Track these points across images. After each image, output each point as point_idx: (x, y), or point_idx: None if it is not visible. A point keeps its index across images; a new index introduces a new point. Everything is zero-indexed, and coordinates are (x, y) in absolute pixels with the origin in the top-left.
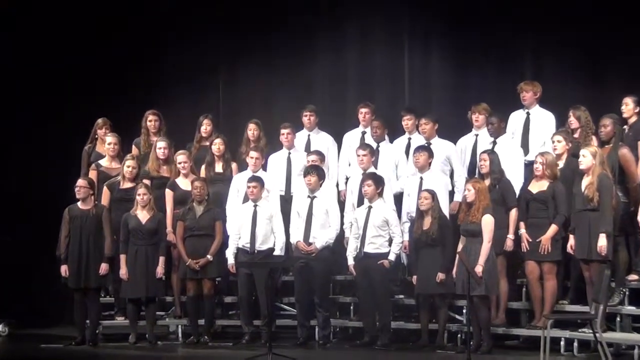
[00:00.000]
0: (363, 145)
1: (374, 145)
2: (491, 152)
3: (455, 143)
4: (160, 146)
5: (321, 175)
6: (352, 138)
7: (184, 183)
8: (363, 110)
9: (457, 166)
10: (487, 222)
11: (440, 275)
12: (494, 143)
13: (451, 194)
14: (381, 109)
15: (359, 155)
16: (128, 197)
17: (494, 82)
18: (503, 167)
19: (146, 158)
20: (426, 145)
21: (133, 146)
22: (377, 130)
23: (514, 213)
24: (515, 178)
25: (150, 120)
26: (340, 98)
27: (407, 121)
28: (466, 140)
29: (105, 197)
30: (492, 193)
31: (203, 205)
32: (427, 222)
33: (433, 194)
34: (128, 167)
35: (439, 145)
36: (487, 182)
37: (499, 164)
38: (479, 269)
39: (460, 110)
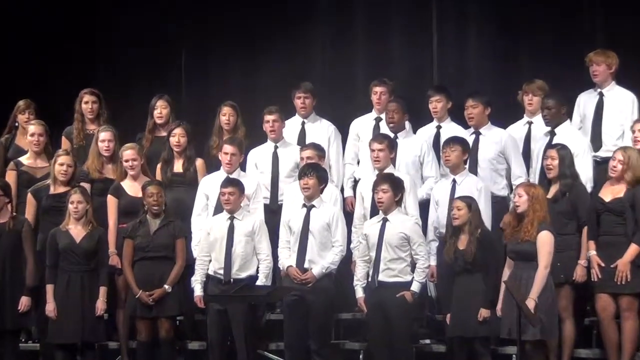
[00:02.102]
0: (378, 136)
1: (392, 136)
2: (562, 148)
3: None
4: (103, 138)
5: (321, 177)
6: (362, 127)
7: (132, 187)
8: (378, 89)
9: (517, 162)
10: (544, 241)
11: (483, 313)
12: (552, 133)
13: (502, 201)
14: (401, 89)
15: (372, 150)
16: (62, 207)
17: (553, 52)
18: None
19: (82, 153)
20: (458, 137)
21: (63, 137)
22: (395, 116)
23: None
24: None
25: (87, 102)
26: (346, 73)
27: (435, 104)
28: (515, 131)
29: (30, 208)
30: (559, 203)
31: (159, 218)
32: (463, 240)
33: (470, 203)
34: (61, 165)
35: (492, 135)
36: (555, 188)
37: (571, 164)
38: (531, 303)
39: (507, 90)
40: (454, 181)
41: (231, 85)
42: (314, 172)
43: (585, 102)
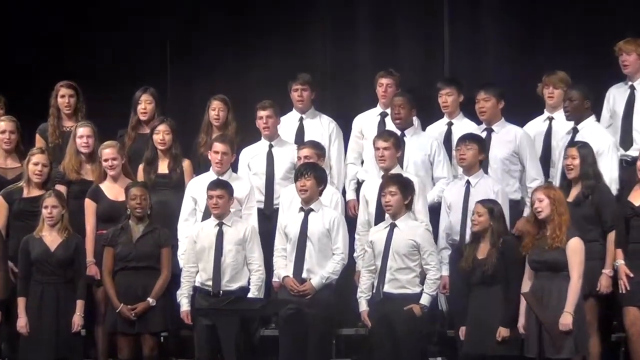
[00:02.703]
0: (383, 133)
1: (398, 133)
2: (583, 146)
3: None
4: (82, 133)
5: (319, 179)
6: (366, 123)
7: (112, 190)
8: (384, 81)
9: (533, 163)
10: (575, 249)
11: (502, 332)
12: (574, 130)
13: (515, 205)
14: (408, 81)
15: (377, 149)
16: (36, 212)
17: (577, 40)
18: None
19: (57, 153)
20: (475, 134)
21: (37, 135)
22: (402, 111)
23: (613, 237)
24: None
25: (63, 96)
26: (348, 63)
27: (446, 97)
28: (535, 127)
29: (0, 212)
30: (581, 207)
31: (143, 224)
32: (482, 249)
33: (492, 208)
34: (35, 165)
35: (506, 132)
36: (576, 190)
37: (594, 163)
38: (567, 319)
39: (526, 83)
40: (468, 183)
41: (221, 77)
42: (312, 172)
43: (615, 96)
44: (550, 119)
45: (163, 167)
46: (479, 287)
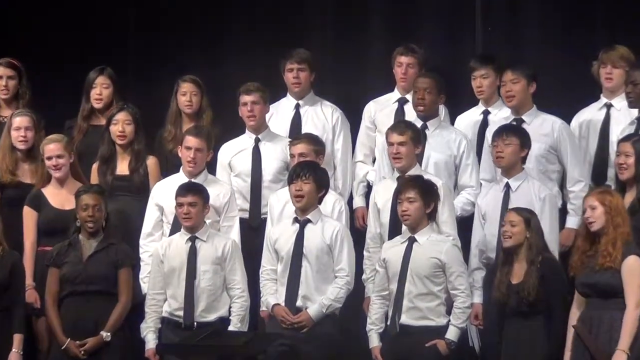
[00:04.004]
0: (398, 124)
1: (419, 124)
2: (638, 140)
3: (568, 122)
4: (18, 124)
5: (320, 182)
6: (380, 111)
7: (58, 196)
8: (403, 60)
9: (575, 161)
10: (633, 270)
11: None
12: (639, 121)
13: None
14: (433, 59)
15: (391, 144)
16: None
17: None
18: None
19: None
20: (515, 126)
21: None
22: (426, 97)
23: None
24: None
25: (0, 77)
26: (357, 38)
27: (480, 80)
28: (589, 115)
29: None
30: (636, 217)
31: (96, 239)
32: (517, 270)
33: (528, 218)
34: None
35: (540, 123)
36: (631, 195)
37: None
38: (621, 357)
39: (576, 61)
40: (508, 187)
41: (194, 56)
42: (310, 173)
43: None
44: (608, 106)
45: (122, 167)
46: (515, 318)
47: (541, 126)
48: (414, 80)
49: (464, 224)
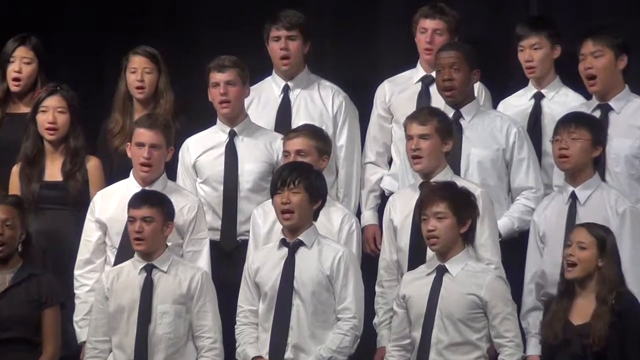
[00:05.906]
0: (422, 112)
1: (450, 113)
2: None
3: None
4: None
5: (314, 190)
6: (396, 95)
7: None
8: (428, 23)
9: None
10: None
11: None
12: None
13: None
14: (469, 24)
15: (410, 138)
16: None
17: None
18: None
19: None
20: (585, 114)
21: None
22: (455, 75)
23: None
24: None
25: None
26: None
27: (530, 52)
28: None
29: None
30: None
31: (11, 269)
32: (581, 307)
33: (603, 238)
34: None
35: (632, 111)
36: None
37: None
38: None
39: None
40: (574, 197)
41: (153, 21)
42: (301, 179)
43: None
44: None
45: (53, 171)
46: None
47: (633, 115)
48: (435, 56)
49: (518, 245)
